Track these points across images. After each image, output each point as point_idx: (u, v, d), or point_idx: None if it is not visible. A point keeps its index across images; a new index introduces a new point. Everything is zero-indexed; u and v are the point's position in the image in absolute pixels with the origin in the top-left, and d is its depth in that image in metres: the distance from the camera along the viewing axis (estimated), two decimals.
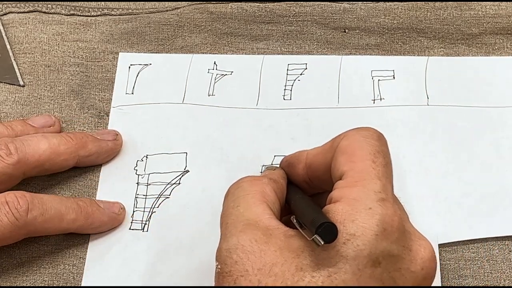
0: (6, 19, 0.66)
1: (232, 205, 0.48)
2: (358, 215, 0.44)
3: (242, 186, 0.49)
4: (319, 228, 0.42)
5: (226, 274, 0.45)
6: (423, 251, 0.46)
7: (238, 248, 0.45)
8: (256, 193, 0.48)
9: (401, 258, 0.45)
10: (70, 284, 0.56)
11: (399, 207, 0.47)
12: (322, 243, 0.43)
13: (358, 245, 0.43)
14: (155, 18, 0.65)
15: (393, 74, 0.62)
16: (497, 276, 0.55)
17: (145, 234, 0.57)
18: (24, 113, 0.63)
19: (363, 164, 0.47)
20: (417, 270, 0.45)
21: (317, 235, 0.43)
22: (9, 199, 0.53)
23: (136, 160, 0.60)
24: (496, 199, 0.56)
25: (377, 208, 0.45)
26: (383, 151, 0.48)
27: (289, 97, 0.62)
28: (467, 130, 0.59)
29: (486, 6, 0.64)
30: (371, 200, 0.45)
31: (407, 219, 0.47)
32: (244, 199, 0.48)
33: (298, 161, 0.52)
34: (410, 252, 0.45)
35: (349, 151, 0.48)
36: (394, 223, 0.45)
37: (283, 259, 0.44)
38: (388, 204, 0.45)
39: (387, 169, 0.48)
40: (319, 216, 0.44)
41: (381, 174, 0.47)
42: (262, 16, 0.65)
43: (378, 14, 0.64)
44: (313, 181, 0.52)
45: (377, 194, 0.45)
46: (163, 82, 0.63)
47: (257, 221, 0.46)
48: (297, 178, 0.53)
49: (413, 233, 0.47)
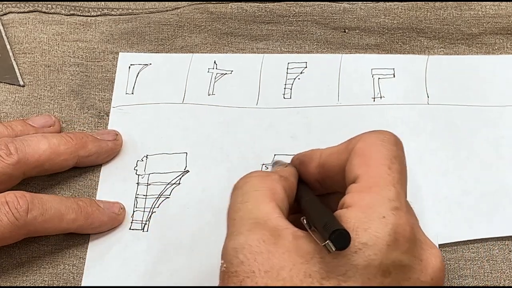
0: (6, 19, 0.66)
1: (240, 200, 0.47)
2: (371, 224, 0.44)
3: (252, 181, 0.48)
4: (332, 235, 0.42)
5: (232, 274, 0.44)
6: (434, 261, 0.45)
7: (245, 248, 0.44)
8: (266, 190, 0.47)
9: (411, 268, 0.44)
10: (70, 284, 0.56)
11: (411, 215, 0.46)
12: (334, 249, 0.42)
13: (369, 255, 0.43)
14: (155, 18, 0.65)
15: (393, 73, 0.62)
16: (497, 276, 0.55)
17: (145, 234, 0.57)
18: (24, 113, 0.63)
19: (378, 169, 0.46)
20: (427, 280, 0.45)
21: (329, 241, 0.42)
22: (9, 199, 0.53)
23: (136, 160, 0.60)
24: (496, 198, 0.56)
25: (390, 217, 0.44)
26: (400, 156, 0.47)
27: (289, 96, 0.62)
28: (467, 129, 0.59)
29: (486, 6, 0.64)
30: (385, 208, 0.44)
31: (418, 227, 0.47)
32: (253, 195, 0.47)
33: (310, 160, 0.51)
34: (421, 262, 0.45)
35: (365, 154, 0.47)
36: (406, 233, 0.44)
37: (292, 263, 0.43)
38: (402, 213, 0.44)
39: (402, 175, 0.47)
40: (332, 221, 0.43)
41: (396, 181, 0.46)
42: (262, 16, 0.65)
43: (378, 14, 0.64)
44: (325, 181, 0.51)
45: (391, 202, 0.45)
46: (163, 82, 0.63)
47: (265, 220, 0.45)
48: (308, 177, 0.52)
49: (424, 241, 0.46)
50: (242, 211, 0.46)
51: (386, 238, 0.43)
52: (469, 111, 0.60)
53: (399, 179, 0.46)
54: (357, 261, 0.43)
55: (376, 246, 0.43)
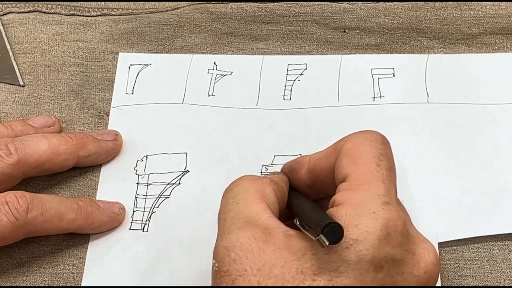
0: (6, 19, 0.66)
1: (231, 201, 0.48)
2: (361, 220, 0.44)
3: (243, 183, 0.49)
4: (325, 228, 0.42)
5: (224, 273, 0.44)
6: (426, 255, 0.46)
7: (237, 246, 0.44)
8: (256, 191, 0.48)
9: (404, 262, 0.45)
10: (70, 284, 0.56)
11: (402, 211, 0.46)
12: (327, 243, 0.42)
13: (360, 250, 0.43)
14: (155, 18, 0.65)
15: (393, 72, 0.62)
16: (497, 276, 0.55)
17: (145, 234, 0.57)
18: (24, 113, 0.63)
19: (367, 167, 0.46)
20: (420, 274, 0.45)
21: (322, 235, 0.42)
22: (9, 199, 0.53)
23: (136, 160, 0.60)
24: (496, 197, 0.56)
25: (380, 212, 0.44)
26: (387, 154, 0.48)
27: (289, 97, 0.62)
28: (467, 127, 0.59)
29: (486, 6, 0.64)
30: (375, 204, 0.45)
31: (410, 222, 0.47)
32: (244, 196, 0.48)
33: (300, 166, 0.52)
34: (414, 256, 0.45)
35: (353, 154, 0.47)
36: (398, 227, 0.44)
37: (283, 260, 0.44)
38: (392, 208, 0.45)
39: (391, 172, 0.47)
40: (324, 217, 0.44)
41: (385, 177, 0.46)
42: (262, 16, 0.65)
43: (378, 14, 0.64)
44: (316, 185, 0.51)
45: (381, 198, 0.45)
46: (163, 82, 0.63)
47: (256, 219, 0.46)
48: (299, 184, 0.52)
49: (416, 236, 0.46)
50: (233, 212, 0.47)
51: (377, 233, 0.43)
52: (469, 110, 0.60)
53: (388, 175, 0.47)
54: (348, 256, 0.43)
55: (367, 241, 0.43)
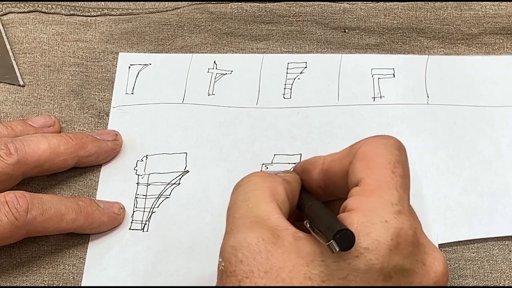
0: (6, 19, 0.66)
1: (241, 199, 0.47)
2: (373, 228, 0.43)
3: (254, 180, 0.48)
4: (336, 235, 0.41)
5: (230, 273, 0.43)
6: (437, 265, 0.45)
7: (244, 246, 0.43)
8: (267, 190, 0.47)
9: (413, 273, 0.44)
10: (70, 284, 0.56)
11: (414, 219, 0.46)
12: (338, 249, 0.42)
13: (370, 259, 0.43)
14: (155, 18, 0.65)
15: (393, 73, 0.62)
16: (497, 276, 0.55)
17: (145, 234, 0.57)
18: (24, 113, 0.63)
19: (381, 173, 0.46)
20: (430, 284, 0.45)
21: (333, 241, 0.41)
22: (8, 198, 0.53)
23: (136, 160, 0.60)
24: (495, 198, 0.56)
25: (393, 221, 0.43)
26: (403, 161, 0.47)
27: (289, 96, 0.62)
28: (467, 129, 0.59)
29: (486, 6, 0.64)
30: (388, 212, 0.44)
31: (421, 231, 0.46)
32: (254, 194, 0.47)
33: (313, 167, 0.51)
34: (424, 267, 0.45)
35: (368, 158, 0.46)
36: (409, 237, 0.44)
37: (291, 264, 0.43)
38: (404, 217, 0.44)
39: (405, 180, 0.46)
40: (336, 222, 0.43)
41: (399, 185, 0.45)
42: (262, 16, 0.65)
43: (378, 14, 0.64)
44: (329, 187, 0.50)
45: (394, 206, 0.44)
46: (163, 82, 0.63)
47: (265, 219, 0.45)
48: (311, 184, 0.51)
49: (427, 245, 0.46)
50: (242, 209, 0.46)
51: (388, 243, 0.43)
52: (469, 111, 0.60)
53: (402, 183, 0.46)
54: (358, 265, 0.43)
55: (378, 251, 0.43)
